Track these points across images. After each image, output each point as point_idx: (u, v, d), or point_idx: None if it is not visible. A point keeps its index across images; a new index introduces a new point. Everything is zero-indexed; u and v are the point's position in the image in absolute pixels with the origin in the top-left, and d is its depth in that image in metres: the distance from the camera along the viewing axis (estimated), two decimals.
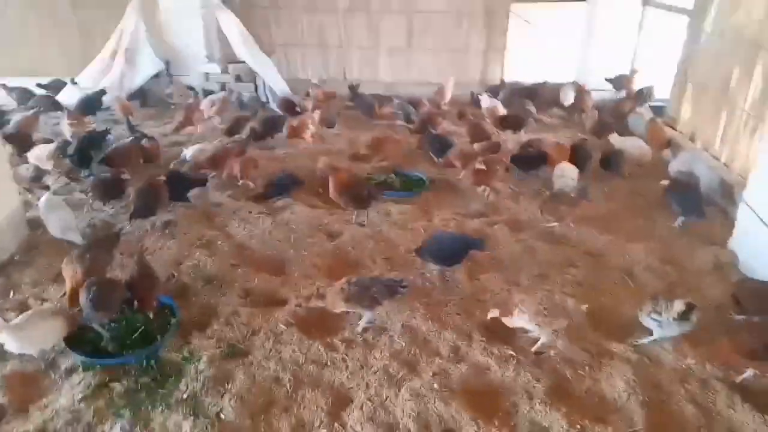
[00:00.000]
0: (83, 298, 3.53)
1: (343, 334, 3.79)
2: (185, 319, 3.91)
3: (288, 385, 3.35)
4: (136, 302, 3.81)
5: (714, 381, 3.45)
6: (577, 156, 6.34)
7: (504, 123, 7.60)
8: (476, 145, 6.60)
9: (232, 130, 7.21)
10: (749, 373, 3.44)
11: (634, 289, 4.46)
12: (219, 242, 4.89)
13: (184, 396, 3.26)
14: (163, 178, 5.24)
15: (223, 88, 9.29)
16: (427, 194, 6.06)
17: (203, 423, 3.07)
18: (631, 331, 3.86)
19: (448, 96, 9.04)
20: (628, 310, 4.05)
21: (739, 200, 5.45)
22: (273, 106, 8.74)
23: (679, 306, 3.62)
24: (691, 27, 7.50)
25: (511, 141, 7.16)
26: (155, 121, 8.43)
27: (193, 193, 5.41)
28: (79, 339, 3.62)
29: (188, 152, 6.35)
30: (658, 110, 8.26)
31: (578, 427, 3.04)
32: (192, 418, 3.10)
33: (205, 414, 3.14)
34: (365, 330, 3.83)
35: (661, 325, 3.68)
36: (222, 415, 3.14)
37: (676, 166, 6.30)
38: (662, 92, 8.38)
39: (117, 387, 3.33)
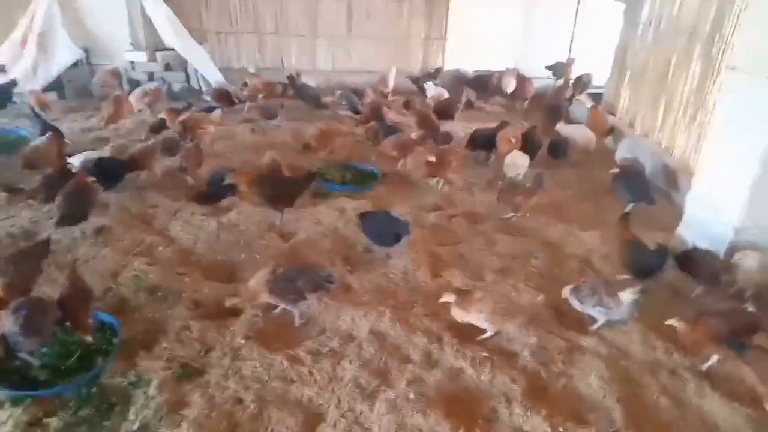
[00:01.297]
0: (10, 322, 3.08)
1: (307, 344, 3.53)
2: (129, 338, 3.52)
3: (252, 406, 3.06)
4: (69, 323, 3.38)
5: (682, 371, 3.48)
6: (528, 144, 6.32)
7: (434, 112, 7.47)
8: (413, 134, 6.44)
9: (158, 127, 6.63)
10: (713, 360, 3.48)
11: (593, 276, 4.46)
12: (160, 248, 4.48)
13: (134, 427, 2.90)
14: (92, 178, 4.73)
15: (150, 78, 8.65)
16: (381, 188, 5.85)
17: None
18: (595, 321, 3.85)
19: (391, 84, 8.85)
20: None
21: (683, 186, 5.62)
22: (207, 96, 8.23)
23: (630, 296, 3.64)
24: (627, 15, 7.67)
25: (462, 131, 7.05)
26: (77, 115, 7.70)
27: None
28: (2, 369, 3.16)
29: (76, 160, 5.46)
30: (596, 97, 8.44)
31: (561, 430, 2.95)
32: None
33: None
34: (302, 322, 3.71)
35: (609, 313, 3.70)
36: None
37: (621, 153, 6.42)
38: (601, 79, 8.56)
39: (53, 422, 2.92)
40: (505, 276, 4.37)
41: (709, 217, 4.68)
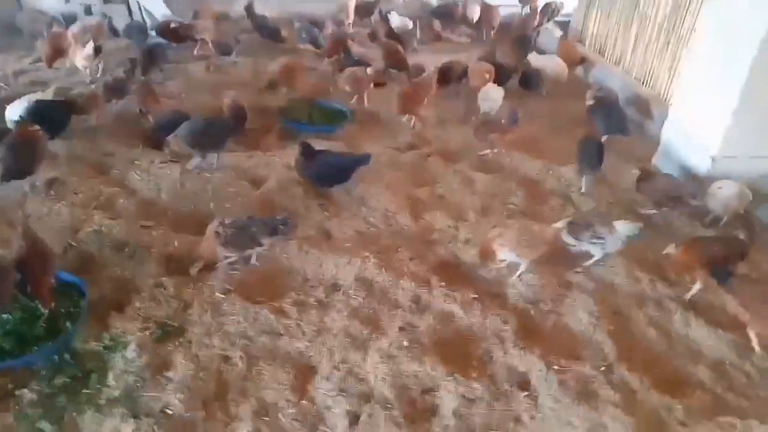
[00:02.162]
0: None
1: (291, 296, 3.38)
2: (97, 299, 3.28)
3: (240, 364, 2.93)
4: (29, 287, 3.11)
5: (668, 301, 3.52)
6: (500, 76, 6.11)
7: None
8: (369, 69, 6.13)
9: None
10: (696, 288, 3.53)
11: (575, 213, 4.43)
12: (121, 200, 4.15)
13: (117, 394, 2.74)
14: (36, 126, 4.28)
15: (88, 11, 7.86)
16: (351, 127, 5.58)
17: (147, 423, 2.60)
18: (579, 257, 3.83)
19: (351, 15, 8.36)
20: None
21: (656, 115, 5.58)
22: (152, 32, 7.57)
23: (629, 229, 3.62)
24: None
25: (430, 64, 6.74)
26: (7, 56, 6.96)
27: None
28: None
29: (12, 110, 4.81)
30: (565, 25, 8.22)
31: (556, 368, 2.95)
32: (132, 419, 2.61)
33: (148, 411, 2.66)
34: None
35: (603, 246, 3.67)
36: (168, 410, 2.68)
37: (594, 82, 6.31)
38: (570, 6, 8.30)
39: (26, 395, 2.72)
40: (487, 215, 4.27)
41: (685, 146, 4.67)
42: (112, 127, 5.21)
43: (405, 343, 3.06)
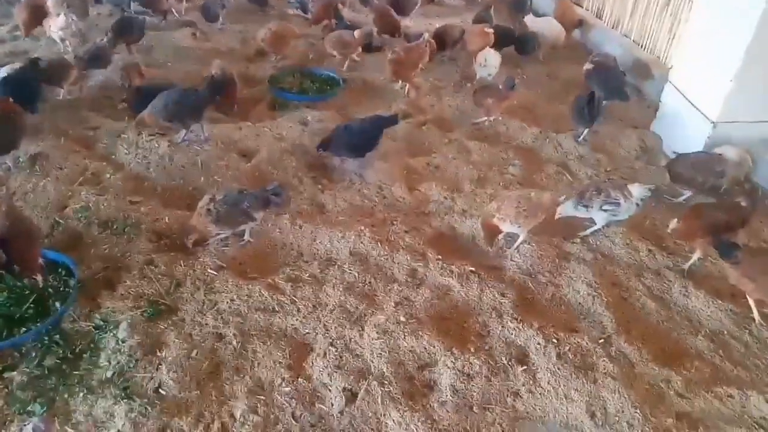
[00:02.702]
0: None
1: (285, 271, 3.31)
2: (87, 278, 3.20)
3: (234, 342, 2.88)
4: (16, 266, 3.03)
5: (666, 271, 3.48)
6: (499, 40, 5.94)
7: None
8: (356, 33, 5.96)
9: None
10: (695, 257, 3.49)
11: (572, 182, 4.36)
12: (108, 175, 4.03)
13: (109, 374, 2.68)
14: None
15: None
16: (343, 95, 5.44)
17: (140, 404, 2.55)
18: (578, 226, 3.77)
19: None
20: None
21: (655, 79, 5.45)
22: None
23: (643, 192, 3.55)
24: None
25: (423, 30, 6.54)
26: None
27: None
28: None
29: None
30: None
31: (555, 341, 2.92)
32: (125, 400, 2.56)
33: (141, 392, 2.62)
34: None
35: (616, 212, 3.60)
36: (162, 390, 2.63)
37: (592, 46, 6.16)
38: None
39: (16, 377, 2.66)
40: (483, 186, 4.19)
41: (685, 111, 4.57)
42: (97, 99, 5.04)
43: (402, 318, 3.01)
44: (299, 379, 2.71)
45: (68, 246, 3.44)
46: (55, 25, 5.68)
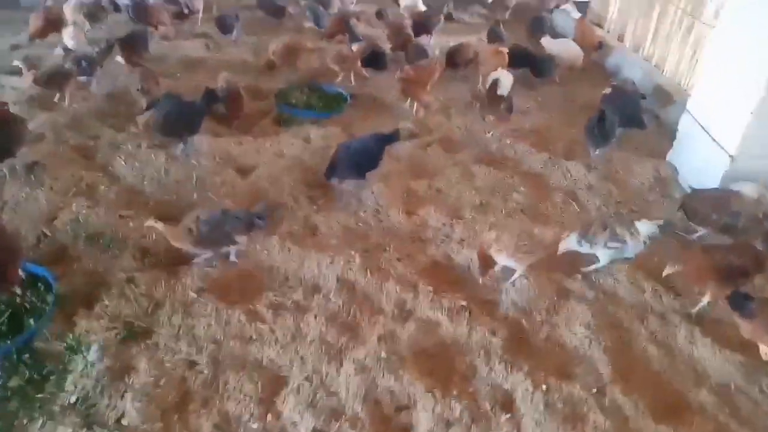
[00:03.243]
0: None
1: (267, 297, 3.19)
2: (66, 294, 3.13)
3: (206, 371, 2.76)
4: None
5: (672, 315, 3.26)
6: (515, 62, 5.79)
7: (411, 28, 6.74)
8: (354, 47, 5.89)
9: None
10: (704, 301, 3.27)
11: (579, 212, 4.17)
12: (102, 187, 3.98)
13: (72, 399, 2.59)
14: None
15: None
16: (350, 112, 5.34)
17: None
18: (581, 260, 3.57)
19: None
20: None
21: (675, 106, 5.23)
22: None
23: (650, 229, 3.35)
24: None
25: (438, 47, 6.43)
26: (3, 29, 6.78)
27: None
28: None
29: None
30: (583, 6, 7.80)
31: (544, 387, 2.73)
32: (84, 430, 2.46)
33: (103, 422, 2.51)
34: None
35: (622, 251, 3.40)
36: (124, 421, 2.52)
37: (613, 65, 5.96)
38: None
39: None
40: (485, 213, 4.02)
41: (703, 142, 4.34)
42: (102, 108, 5.02)
43: (383, 355, 2.85)
44: (268, 416, 2.58)
45: (52, 259, 3.38)
46: (67, 33, 5.71)
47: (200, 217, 3.20)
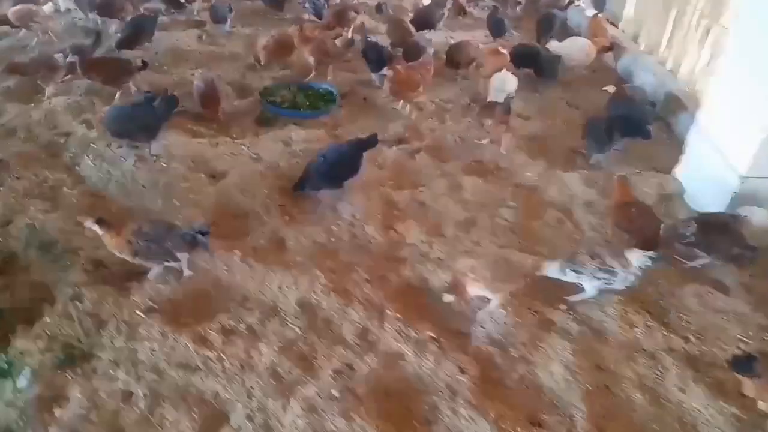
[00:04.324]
0: None
1: (221, 319, 2.96)
2: (8, 308, 2.95)
3: (142, 403, 2.54)
4: None
5: (663, 355, 2.94)
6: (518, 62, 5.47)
7: (413, 22, 6.42)
8: (338, 41, 5.59)
9: None
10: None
11: (573, 231, 3.85)
12: (65, 189, 3.80)
13: None
14: None
15: None
16: (338, 112, 5.07)
17: None
18: (567, 288, 3.27)
19: None
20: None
21: (687, 115, 4.86)
22: None
23: (643, 260, 3.04)
24: None
25: (435, 45, 6.10)
26: None
27: None
28: None
29: None
30: (600, 3, 7.38)
31: None
32: None
33: None
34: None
35: (610, 281, 3.10)
36: None
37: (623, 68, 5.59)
38: None
39: None
40: (469, 230, 3.74)
41: (712, 159, 3.98)
42: (79, 104, 4.81)
43: (336, 393, 2.60)
44: None
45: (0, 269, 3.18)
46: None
47: (141, 229, 2.97)
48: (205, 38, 6.39)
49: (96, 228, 2.99)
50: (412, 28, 6.14)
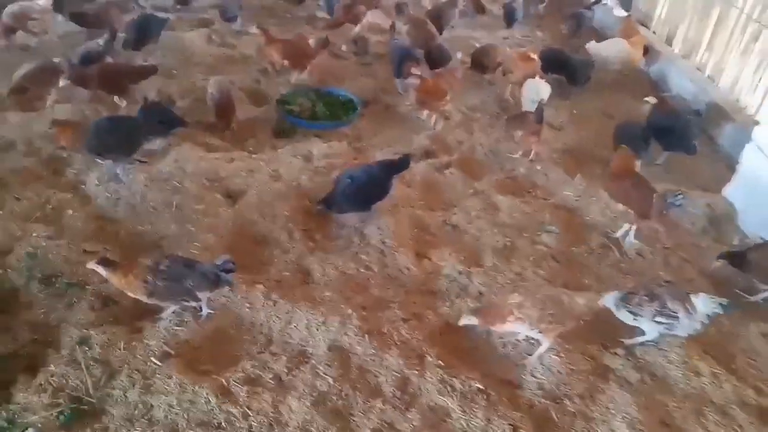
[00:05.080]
0: None
1: (245, 366, 2.66)
2: (8, 354, 2.65)
3: None
4: None
5: (734, 410, 2.65)
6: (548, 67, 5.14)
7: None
8: (312, 41, 5.28)
9: None
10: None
11: (619, 260, 3.55)
12: (69, 211, 3.49)
13: None
14: None
15: None
16: (359, 123, 4.75)
17: None
18: (623, 328, 2.97)
19: None
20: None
21: (732, 128, 4.55)
22: None
23: (711, 307, 2.73)
24: None
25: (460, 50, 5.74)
26: None
27: None
28: None
29: None
30: (627, 2, 7.05)
31: None
32: None
33: None
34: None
35: (672, 327, 2.80)
36: None
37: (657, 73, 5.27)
38: None
39: None
40: (509, 259, 3.43)
41: None
42: (83, 112, 4.49)
43: None
44: None
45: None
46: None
47: (158, 267, 2.66)
48: (214, 38, 6.04)
49: (100, 270, 2.68)
50: (434, 30, 5.79)
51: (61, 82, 4.58)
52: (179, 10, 6.67)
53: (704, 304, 2.73)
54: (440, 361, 2.72)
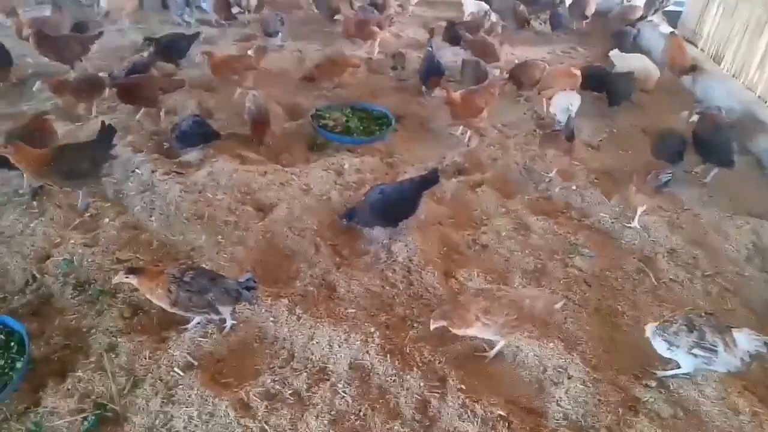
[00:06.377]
0: None
1: (264, 380, 2.66)
2: (40, 358, 2.73)
3: None
4: None
5: None
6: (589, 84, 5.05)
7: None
8: (251, 50, 5.36)
9: None
10: None
11: (655, 286, 3.41)
12: (107, 220, 3.59)
13: None
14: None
15: None
16: (393, 138, 4.75)
17: None
18: (660, 360, 2.84)
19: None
20: (651, 322, 2.95)
21: None
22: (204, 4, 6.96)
23: (752, 343, 2.58)
24: None
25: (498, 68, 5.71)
26: None
27: None
28: None
29: None
30: (672, 19, 6.85)
31: None
32: None
33: None
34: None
35: (709, 362, 2.66)
36: None
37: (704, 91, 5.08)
38: None
39: None
40: (539, 282, 3.35)
41: None
42: (126, 122, 4.65)
43: None
44: None
45: (34, 310, 3.00)
46: None
47: (183, 278, 2.70)
48: (253, 53, 6.15)
49: (127, 280, 2.74)
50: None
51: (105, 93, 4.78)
52: (222, 25, 6.85)
53: (747, 340, 2.58)
54: (462, 385, 2.67)
